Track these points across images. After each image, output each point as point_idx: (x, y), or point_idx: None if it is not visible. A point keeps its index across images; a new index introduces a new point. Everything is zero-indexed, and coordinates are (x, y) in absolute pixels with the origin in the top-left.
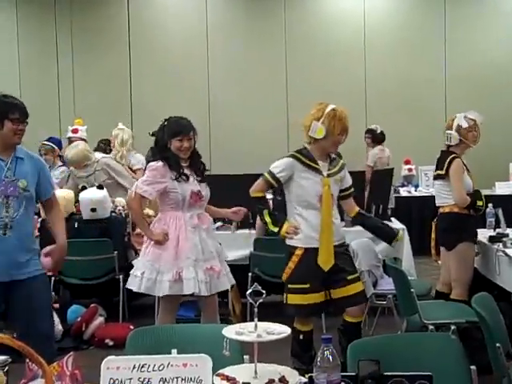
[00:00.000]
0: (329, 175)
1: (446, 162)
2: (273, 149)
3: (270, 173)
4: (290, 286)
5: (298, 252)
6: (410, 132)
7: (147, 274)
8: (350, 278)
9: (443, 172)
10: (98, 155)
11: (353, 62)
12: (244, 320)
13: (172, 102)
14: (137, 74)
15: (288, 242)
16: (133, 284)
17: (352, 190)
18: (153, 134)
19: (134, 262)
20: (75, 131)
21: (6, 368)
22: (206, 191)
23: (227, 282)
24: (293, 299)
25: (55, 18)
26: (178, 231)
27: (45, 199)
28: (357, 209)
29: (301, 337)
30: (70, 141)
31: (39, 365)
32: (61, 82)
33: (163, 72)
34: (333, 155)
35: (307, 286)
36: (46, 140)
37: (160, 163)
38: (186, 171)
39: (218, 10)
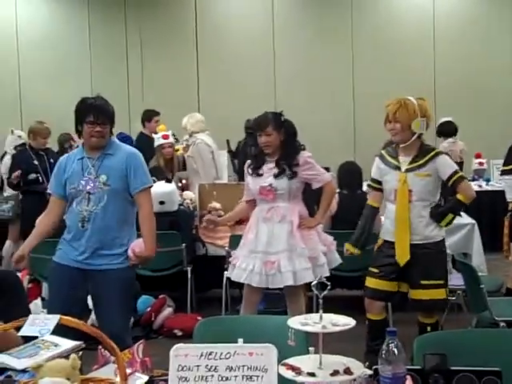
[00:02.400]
0: (407, 170)
1: None
2: (339, 149)
3: (371, 179)
4: (370, 267)
5: (379, 242)
6: (481, 125)
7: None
8: (423, 282)
9: (509, 167)
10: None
11: (420, 55)
12: (309, 313)
13: (238, 103)
14: (204, 75)
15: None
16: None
17: (457, 176)
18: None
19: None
20: (166, 137)
21: (81, 353)
22: (283, 185)
23: (290, 278)
24: (367, 282)
25: (125, 21)
26: (250, 223)
27: (133, 194)
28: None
29: (366, 322)
30: (162, 147)
31: (112, 350)
32: (130, 83)
33: (230, 74)
34: (425, 149)
35: (377, 270)
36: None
37: (248, 162)
38: (269, 165)
39: (285, 11)
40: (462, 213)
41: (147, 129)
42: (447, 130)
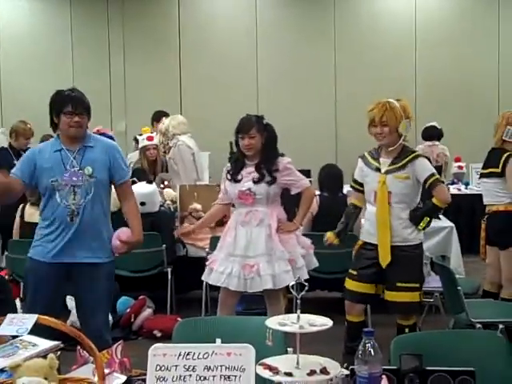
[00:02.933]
0: (387, 171)
1: (502, 160)
2: (321, 147)
3: (353, 179)
4: (349, 270)
5: (359, 243)
6: (461, 129)
7: (279, 267)
8: (399, 285)
9: (499, 170)
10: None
11: (402, 58)
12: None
13: (221, 103)
14: (187, 76)
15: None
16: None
17: (432, 179)
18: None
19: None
20: (150, 139)
21: (59, 353)
22: (262, 190)
23: (269, 282)
24: (347, 283)
25: (107, 19)
26: (228, 226)
27: (118, 184)
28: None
29: (345, 324)
30: (146, 149)
31: (90, 350)
32: (112, 83)
33: (213, 72)
34: (405, 151)
35: (356, 273)
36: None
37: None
38: (248, 169)
39: (268, 12)
40: (440, 216)
41: (156, 129)
42: (431, 135)
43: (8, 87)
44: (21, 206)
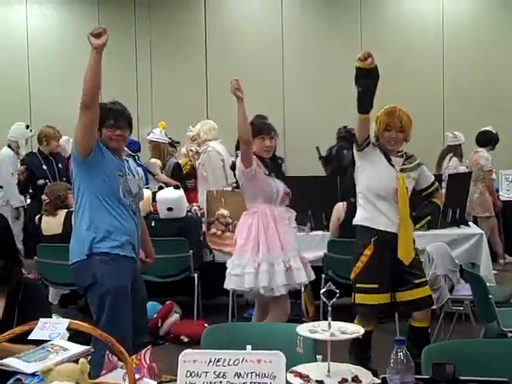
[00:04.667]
0: (402, 170)
1: None
2: None
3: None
4: (358, 285)
5: (367, 252)
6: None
7: (264, 266)
8: (417, 281)
9: None
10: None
11: (430, 62)
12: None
13: (248, 107)
14: (213, 79)
15: (355, 222)
16: (241, 282)
17: (436, 185)
18: None
19: (231, 261)
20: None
21: (89, 358)
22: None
23: (312, 272)
24: (362, 299)
25: (135, 25)
26: (277, 223)
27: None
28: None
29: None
30: (152, 141)
31: (120, 355)
32: (139, 87)
33: (239, 73)
34: (409, 155)
35: (375, 286)
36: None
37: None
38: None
39: (294, 14)
40: (470, 223)
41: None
42: (483, 140)
43: (37, 97)
44: (37, 218)
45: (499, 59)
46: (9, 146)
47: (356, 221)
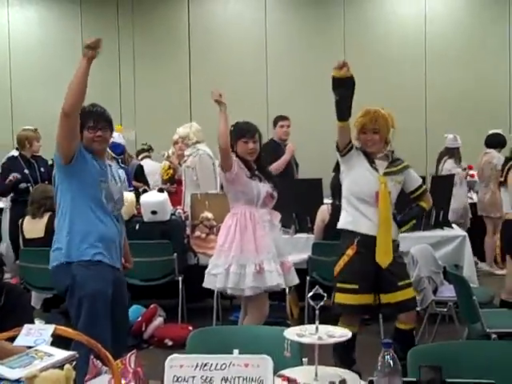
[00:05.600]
0: (385, 173)
1: (506, 169)
2: (331, 157)
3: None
4: (338, 284)
5: (350, 252)
6: (471, 139)
7: (233, 268)
8: (400, 283)
9: (503, 179)
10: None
11: (413, 69)
12: (301, 324)
13: (231, 111)
14: (196, 82)
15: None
16: (215, 282)
17: (424, 187)
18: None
19: (211, 261)
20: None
21: (74, 363)
22: (275, 193)
23: (296, 276)
24: (341, 298)
25: (118, 26)
26: (255, 225)
27: None
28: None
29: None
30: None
31: (107, 360)
32: (122, 89)
33: (222, 80)
34: (395, 158)
35: (356, 286)
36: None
37: (236, 158)
38: (257, 173)
39: (278, 20)
40: (453, 225)
41: (275, 134)
42: (493, 142)
43: (18, 98)
44: (20, 221)
45: (482, 66)
46: (17, 149)
47: (340, 225)
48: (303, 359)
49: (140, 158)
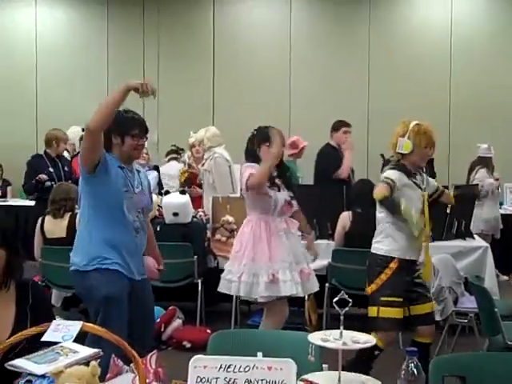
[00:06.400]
0: (425, 189)
1: None
2: (354, 159)
3: (389, 178)
4: (383, 298)
5: (393, 265)
6: (496, 146)
7: (245, 277)
8: (428, 295)
9: None
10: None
11: (438, 73)
12: (319, 330)
13: (254, 113)
14: (220, 84)
15: (383, 252)
16: (229, 288)
17: (440, 189)
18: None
19: (226, 266)
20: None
21: (99, 360)
22: (293, 201)
23: (316, 283)
24: (387, 313)
25: (143, 29)
26: (270, 235)
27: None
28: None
29: (376, 353)
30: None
31: (133, 359)
32: None
33: (246, 83)
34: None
35: (401, 299)
36: None
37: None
38: (277, 181)
39: (302, 23)
40: (475, 235)
41: (334, 139)
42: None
43: (44, 100)
44: (40, 220)
45: (508, 71)
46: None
47: (386, 252)
48: (324, 365)
49: (167, 159)
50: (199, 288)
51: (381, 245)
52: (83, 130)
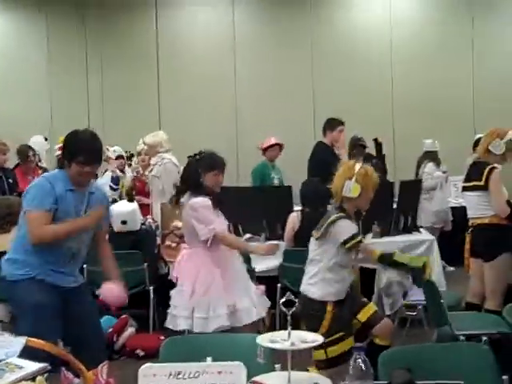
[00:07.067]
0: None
1: (485, 173)
2: (300, 161)
3: (358, 235)
4: (326, 340)
5: (330, 308)
6: (440, 142)
7: (198, 313)
8: (363, 299)
9: (482, 183)
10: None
11: (379, 72)
12: (273, 330)
13: (200, 120)
14: (165, 88)
15: (317, 297)
16: (181, 324)
17: None
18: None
19: (172, 301)
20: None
21: (46, 375)
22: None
23: (267, 300)
24: (335, 351)
25: (85, 34)
26: (220, 267)
27: (99, 230)
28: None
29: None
30: (59, 159)
31: (80, 371)
32: (90, 99)
33: (191, 87)
34: None
35: (342, 333)
36: None
37: (208, 200)
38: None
39: (245, 24)
40: (421, 229)
41: (328, 138)
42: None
43: None
44: None
45: (446, 69)
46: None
47: (320, 297)
48: (276, 365)
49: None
50: (151, 295)
51: (315, 288)
52: (46, 139)
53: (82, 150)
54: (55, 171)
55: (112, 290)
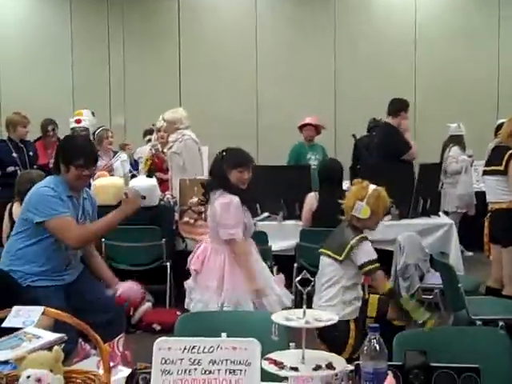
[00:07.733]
0: None
1: (506, 157)
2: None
3: (372, 259)
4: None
5: (353, 326)
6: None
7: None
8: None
9: (502, 167)
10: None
11: (403, 53)
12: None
13: (221, 96)
14: (186, 68)
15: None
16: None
17: None
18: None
19: (188, 293)
20: (78, 121)
21: (63, 345)
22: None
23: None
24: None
25: (107, 8)
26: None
27: None
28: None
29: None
30: (75, 131)
31: (96, 343)
32: (112, 74)
33: (212, 62)
34: None
35: None
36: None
37: (235, 199)
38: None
39: (268, 8)
40: (440, 213)
41: (394, 120)
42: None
43: (6, 82)
44: (9, 205)
45: (472, 52)
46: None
47: (341, 317)
48: (290, 344)
49: (147, 139)
50: (168, 271)
51: (335, 310)
52: (93, 114)
53: (81, 152)
54: (51, 177)
55: (132, 287)
